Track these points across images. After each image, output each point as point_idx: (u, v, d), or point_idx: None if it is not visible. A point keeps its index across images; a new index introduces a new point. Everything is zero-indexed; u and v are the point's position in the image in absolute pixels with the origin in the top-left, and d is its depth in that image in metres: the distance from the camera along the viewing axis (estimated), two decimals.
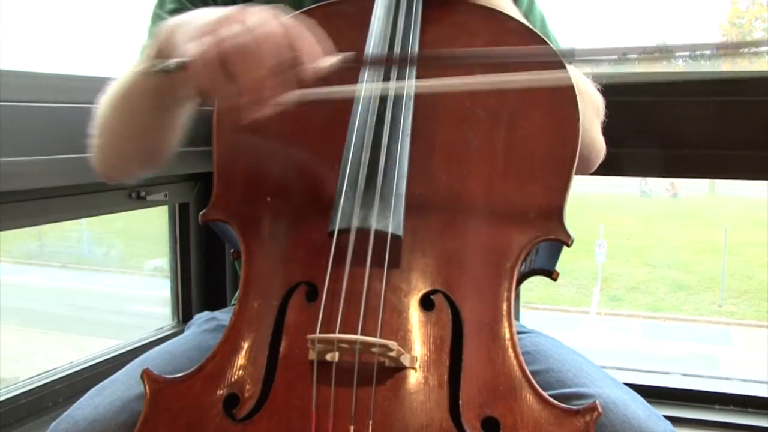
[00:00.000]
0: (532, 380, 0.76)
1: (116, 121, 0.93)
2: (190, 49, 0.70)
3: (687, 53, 0.70)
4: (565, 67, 0.79)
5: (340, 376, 0.74)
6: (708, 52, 0.69)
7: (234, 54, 0.69)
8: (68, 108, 1.29)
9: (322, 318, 0.76)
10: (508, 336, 0.78)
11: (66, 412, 0.85)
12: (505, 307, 0.79)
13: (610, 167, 1.52)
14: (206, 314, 1.09)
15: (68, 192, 1.42)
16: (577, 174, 0.85)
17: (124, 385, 0.87)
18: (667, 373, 1.77)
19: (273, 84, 0.70)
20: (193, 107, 0.90)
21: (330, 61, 0.73)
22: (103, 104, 0.95)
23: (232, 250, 0.91)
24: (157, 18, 1.04)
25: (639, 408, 0.83)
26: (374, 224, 0.77)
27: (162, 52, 0.79)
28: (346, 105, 0.82)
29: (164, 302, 1.92)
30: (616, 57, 0.74)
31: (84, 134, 0.97)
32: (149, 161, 0.99)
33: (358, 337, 0.74)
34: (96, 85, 1.00)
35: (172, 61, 0.74)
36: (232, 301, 1.19)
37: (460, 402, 0.74)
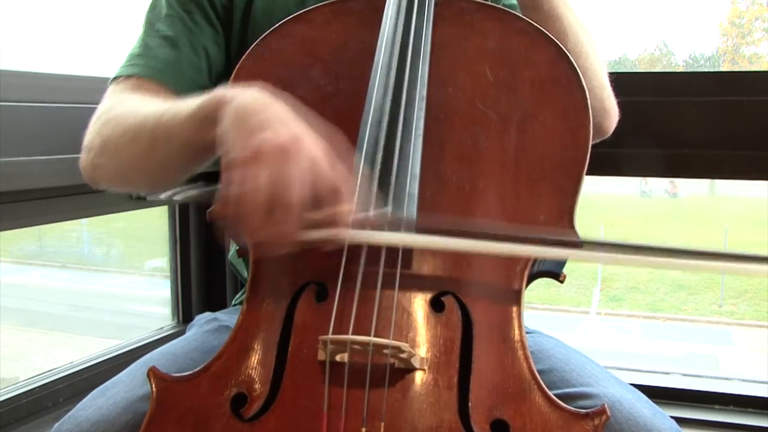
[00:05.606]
0: (542, 383, 0.76)
1: (135, 150, 0.87)
2: (242, 176, 0.67)
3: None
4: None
5: (351, 377, 0.74)
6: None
7: (280, 198, 0.67)
8: (68, 108, 1.29)
9: (335, 318, 0.76)
10: (518, 338, 0.78)
11: (69, 413, 0.84)
12: (514, 308, 0.79)
13: (610, 167, 1.53)
14: (208, 315, 1.08)
15: (68, 192, 1.41)
16: (594, 138, 0.84)
17: (128, 386, 0.86)
18: (667, 373, 1.78)
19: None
20: None
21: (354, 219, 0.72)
22: (113, 127, 0.89)
23: (237, 248, 0.91)
24: (149, 27, 1.00)
25: (644, 407, 0.83)
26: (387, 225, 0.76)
27: (206, 119, 0.75)
28: (358, 105, 0.81)
29: (164, 302, 1.92)
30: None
31: (84, 134, 0.95)
32: (156, 188, 0.94)
33: (372, 338, 0.73)
34: (96, 84, 0.99)
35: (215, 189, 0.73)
36: (234, 302, 1.19)
37: (470, 404, 0.74)
